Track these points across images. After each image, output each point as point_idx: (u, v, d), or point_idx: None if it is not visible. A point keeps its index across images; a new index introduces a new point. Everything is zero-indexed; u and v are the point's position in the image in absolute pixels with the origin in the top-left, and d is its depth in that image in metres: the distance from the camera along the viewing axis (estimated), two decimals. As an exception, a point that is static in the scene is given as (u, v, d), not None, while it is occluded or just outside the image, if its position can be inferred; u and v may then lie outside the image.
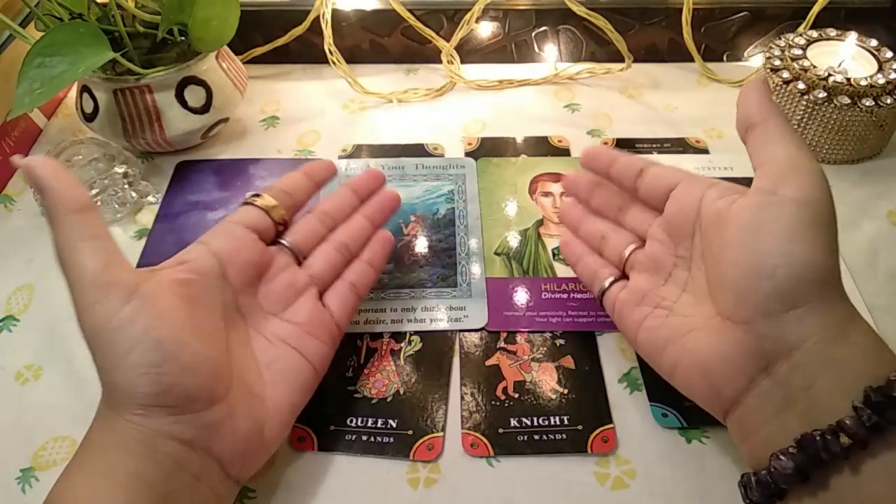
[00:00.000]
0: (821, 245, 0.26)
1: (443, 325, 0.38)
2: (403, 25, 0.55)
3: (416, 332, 0.38)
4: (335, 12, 0.54)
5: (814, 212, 0.27)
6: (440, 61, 0.56)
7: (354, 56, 0.57)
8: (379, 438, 0.34)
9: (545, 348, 0.37)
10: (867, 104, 0.44)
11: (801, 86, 0.46)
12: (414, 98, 0.55)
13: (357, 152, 0.50)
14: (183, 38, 0.47)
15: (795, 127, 0.47)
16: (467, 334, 0.38)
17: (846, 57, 0.48)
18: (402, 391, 0.36)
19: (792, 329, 0.26)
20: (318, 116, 0.53)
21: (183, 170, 0.49)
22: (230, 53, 0.50)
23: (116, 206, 0.45)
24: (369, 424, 0.34)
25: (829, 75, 0.45)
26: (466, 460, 0.33)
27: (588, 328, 0.38)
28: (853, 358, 0.25)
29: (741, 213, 0.28)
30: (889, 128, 0.47)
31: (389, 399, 0.35)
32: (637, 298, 0.33)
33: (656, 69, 0.57)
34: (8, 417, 0.35)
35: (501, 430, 0.34)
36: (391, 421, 0.34)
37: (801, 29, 0.52)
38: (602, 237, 0.36)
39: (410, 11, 0.53)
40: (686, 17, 0.53)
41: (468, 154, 0.49)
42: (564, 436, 0.33)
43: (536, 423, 0.34)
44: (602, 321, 0.38)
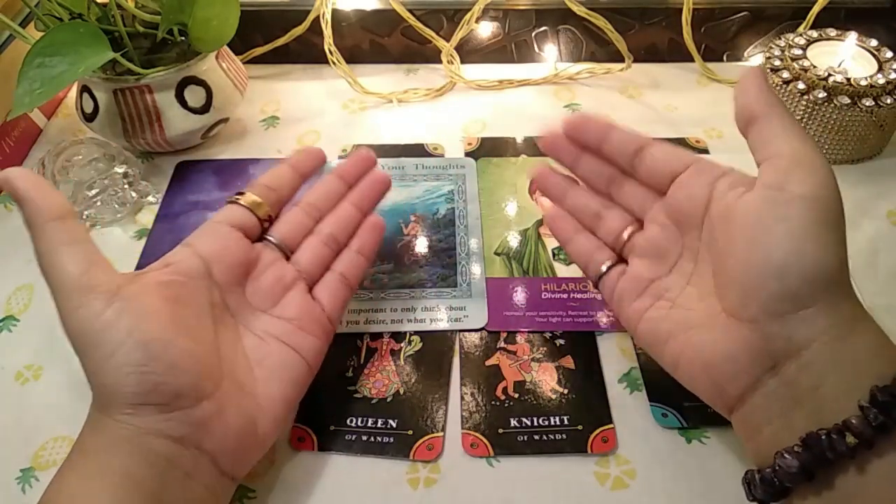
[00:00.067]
0: (831, 244, 0.26)
1: (443, 325, 0.38)
2: (403, 25, 0.55)
3: (416, 332, 0.38)
4: (335, 12, 0.54)
5: (823, 209, 0.26)
6: (440, 61, 0.56)
7: (354, 56, 0.57)
8: (379, 438, 0.34)
9: (545, 348, 0.37)
10: (867, 104, 0.44)
11: (801, 86, 0.46)
12: (414, 98, 0.55)
13: (357, 152, 0.50)
14: (183, 38, 0.47)
15: (795, 127, 0.47)
16: (467, 334, 0.38)
17: (846, 57, 0.48)
18: (402, 391, 0.36)
19: (800, 329, 0.25)
20: (318, 116, 0.53)
21: (183, 170, 0.49)
22: (230, 53, 0.50)
23: (116, 206, 0.45)
24: (369, 424, 0.34)
25: (829, 75, 0.45)
26: (466, 460, 0.33)
27: (588, 328, 0.38)
28: (860, 357, 0.25)
29: (747, 210, 0.27)
30: (889, 128, 0.47)
31: (389, 399, 0.35)
32: (638, 288, 0.32)
33: (656, 69, 0.57)
34: (8, 417, 0.35)
35: (501, 430, 0.34)
36: (391, 421, 0.34)
37: (801, 29, 0.52)
38: (595, 215, 0.34)
39: (410, 11, 0.53)
40: (686, 17, 0.53)
41: (468, 154, 0.49)
42: (564, 436, 0.33)
43: (536, 423, 0.34)
44: (602, 321, 0.38)
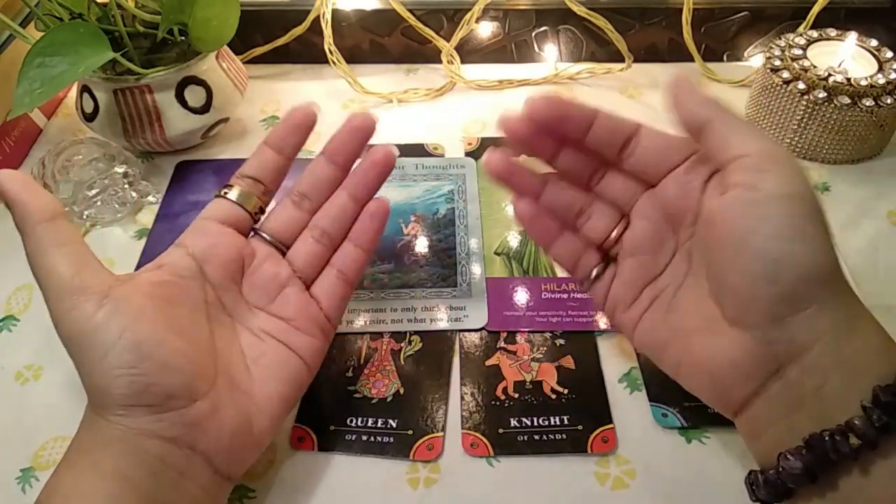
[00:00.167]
0: (818, 240, 0.25)
1: (443, 325, 0.38)
2: (403, 25, 0.55)
3: (416, 332, 0.38)
4: (335, 12, 0.54)
5: (801, 205, 0.25)
6: (440, 61, 0.56)
7: (354, 56, 0.57)
8: (379, 438, 0.34)
9: (545, 348, 0.37)
10: (867, 104, 0.44)
11: (801, 86, 0.46)
12: (414, 98, 0.55)
13: (357, 152, 0.50)
14: (183, 38, 0.47)
15: (795, 127, 0.47)
16: (467, 334, 0.38)
17: (846, 57, 0.48)
18: (402, 391, 0.36)
19: (802, 331, 0.25)
20: (318, 116, 0.53)
21: (183, 170, 0.49)
22: (230, 53, 0.50)
23: (116, 206, 0.45)
24: (369, 424, 0.34)
25: (829, 75, 0.45)
26: (466, 460, 0.33)
27: (588, 328, 0.38)
28: (862, 356, 0.25)
29: (725, 214, 0.26)
30: (889, 128, 0.47)
31: (389, 399, 0.35)
32: (632, 293, 0.30)
33: (656, 69, 0.57)
34: (8, 417, 0.35)
35: (501, 430, 0.34)
36: (391, 421, 0.34)
37: (801, 29, 0.52)
38: (579, 212, 0.32)
39: (410, 11, 0.53)
40: (686, 17, 0.53)
41: (468, 154, 0.49)
42: (564, 436, 0.33)
43: (536, 423, 0.34)
44: (602, 321, 0.38)
